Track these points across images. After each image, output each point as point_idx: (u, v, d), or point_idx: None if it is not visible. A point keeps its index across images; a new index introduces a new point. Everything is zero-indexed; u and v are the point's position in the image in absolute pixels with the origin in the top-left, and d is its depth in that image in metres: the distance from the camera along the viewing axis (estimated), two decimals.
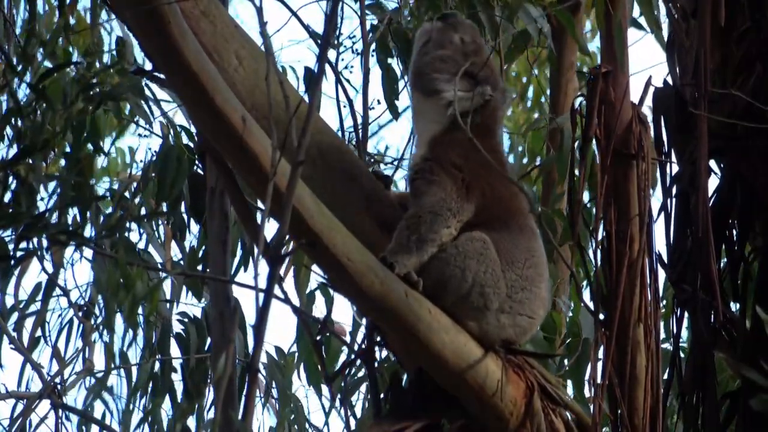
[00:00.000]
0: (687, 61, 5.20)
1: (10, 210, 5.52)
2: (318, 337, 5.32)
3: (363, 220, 4.54)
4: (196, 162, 6.03)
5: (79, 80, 5.97)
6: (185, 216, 6.09)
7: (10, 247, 5.49)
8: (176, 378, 6.25)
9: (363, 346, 4.92)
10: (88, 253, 6.02)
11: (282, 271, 5.78)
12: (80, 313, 6.18)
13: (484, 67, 4.65)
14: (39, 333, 6.27)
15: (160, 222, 6.36)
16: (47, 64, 6.16)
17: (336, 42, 5.86)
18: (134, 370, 6.23)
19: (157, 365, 6.18)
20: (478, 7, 6.03)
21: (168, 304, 6.22)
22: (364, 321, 5.28)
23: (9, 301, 6.23)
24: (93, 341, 6.37)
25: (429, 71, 4.64)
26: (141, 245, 6.18)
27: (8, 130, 5.84)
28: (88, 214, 5.94)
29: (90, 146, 6.02)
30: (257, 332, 3.07)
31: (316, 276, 5.99)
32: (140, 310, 6.02)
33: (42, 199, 5.81)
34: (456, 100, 4.54)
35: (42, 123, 5.73)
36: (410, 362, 4.60)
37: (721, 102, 5.06)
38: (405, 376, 4.65)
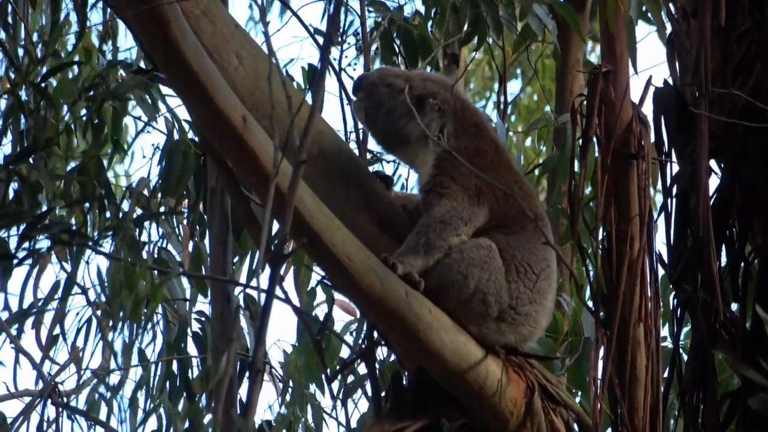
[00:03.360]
0: (687, 61, 5.20)
1: (12, 209, 5.52)
2: (318, 337, 5.31)
3: (363, 220, 4.54)
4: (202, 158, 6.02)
5: (86, 78, 5.98)
6: (205, 215, 6.08)
7: (15, 247, 5.49)
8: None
9: (363, 346, 4.93)
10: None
11: (282, 271, 5.78)
12: (98, 312, 6.17)
13: (415, 86, 4.68)
14: (51, 333, 6.26)
15: (174, 220, 6.34)
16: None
17: (339, 39, 5.86)
18: (138, 371, 6.22)
19: (158, 364, 6.17)
20: (482, 6, 6.04)
21: (187, 304, 6.21)
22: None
23: (14, 301, 6.22)
24: (110, 340, 6.34)
25: (389, 129, 4.68)
26: (159, 243, 6.18)
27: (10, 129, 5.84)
28: (89, 216, 5.94)
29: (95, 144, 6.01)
30: (259, 332, 3.08)
31: (317, 275, 5.99)
32: (159, 309, 6.03)
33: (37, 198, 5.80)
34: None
35: (45, 121, 5.72)
36: (410, 362, 4.61)
37: (721, 102, 5.06)
38: (405, 376, 4.65)
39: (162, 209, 6.06)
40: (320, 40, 5.71)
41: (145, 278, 5.72)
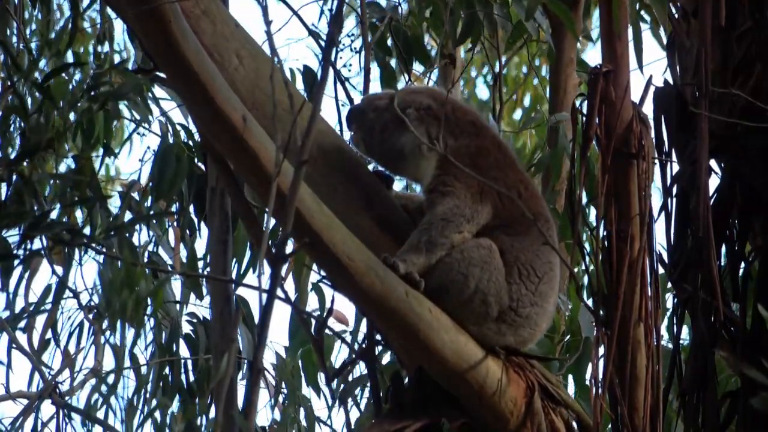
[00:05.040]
0: (687, 61, 5.21)
1: (13, 209, 5.52)
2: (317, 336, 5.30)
3: (363, 219, 4.54)
4: (199, 160, 6.01)
5: (84, 80, 5.97)
6: (195, 218, 6.07)
7: (15, 247, 5.49)
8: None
9: (363, 346, 4.93)
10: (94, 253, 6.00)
11: (282, 270, 5.77)
12: (90, 315, 6.16)
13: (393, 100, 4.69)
14: (48, 335, 6.25)
15: (167, 223, 6.34)
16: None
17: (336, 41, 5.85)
18: (140, 371, 6.21)
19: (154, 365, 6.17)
20: (477, 6, 6.04)
21: (177, 306, 6.21)
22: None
23: (16, 302, 6.19)
24: (102, 343, 6.33)
25: (385, 149, 4.68)
26: (149, 247, 6.17)
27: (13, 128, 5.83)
28: (81, 215, 5.93)
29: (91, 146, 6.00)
30: (260, 332, 3.07)
31: (315, 274, 5.98)
32: (149, 311, 6.02)
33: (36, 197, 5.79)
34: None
35: (46, 122, 5.72)
36: (410, 362, 4.61)
37: (721, 102, 5.06)
38: (405, 376, 4.65)
39: (152, 213, 6.05)
40: (319, 39, 5.71)
41: (145, 279, 5.71)
